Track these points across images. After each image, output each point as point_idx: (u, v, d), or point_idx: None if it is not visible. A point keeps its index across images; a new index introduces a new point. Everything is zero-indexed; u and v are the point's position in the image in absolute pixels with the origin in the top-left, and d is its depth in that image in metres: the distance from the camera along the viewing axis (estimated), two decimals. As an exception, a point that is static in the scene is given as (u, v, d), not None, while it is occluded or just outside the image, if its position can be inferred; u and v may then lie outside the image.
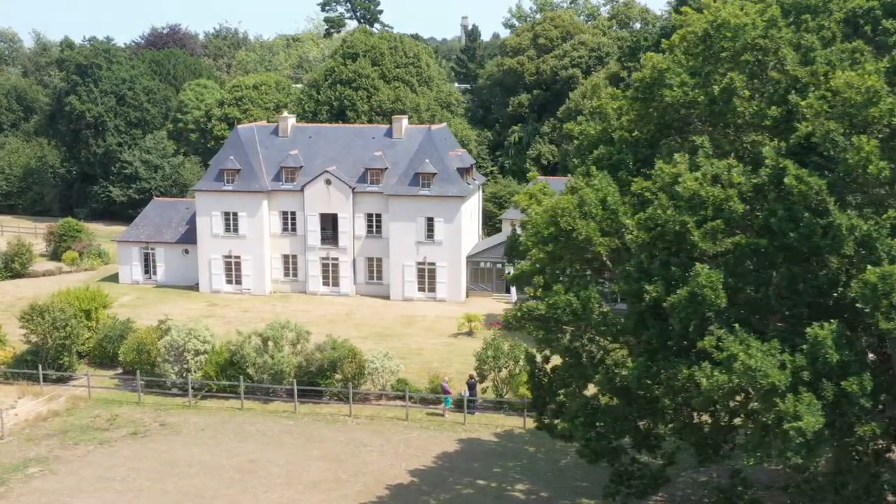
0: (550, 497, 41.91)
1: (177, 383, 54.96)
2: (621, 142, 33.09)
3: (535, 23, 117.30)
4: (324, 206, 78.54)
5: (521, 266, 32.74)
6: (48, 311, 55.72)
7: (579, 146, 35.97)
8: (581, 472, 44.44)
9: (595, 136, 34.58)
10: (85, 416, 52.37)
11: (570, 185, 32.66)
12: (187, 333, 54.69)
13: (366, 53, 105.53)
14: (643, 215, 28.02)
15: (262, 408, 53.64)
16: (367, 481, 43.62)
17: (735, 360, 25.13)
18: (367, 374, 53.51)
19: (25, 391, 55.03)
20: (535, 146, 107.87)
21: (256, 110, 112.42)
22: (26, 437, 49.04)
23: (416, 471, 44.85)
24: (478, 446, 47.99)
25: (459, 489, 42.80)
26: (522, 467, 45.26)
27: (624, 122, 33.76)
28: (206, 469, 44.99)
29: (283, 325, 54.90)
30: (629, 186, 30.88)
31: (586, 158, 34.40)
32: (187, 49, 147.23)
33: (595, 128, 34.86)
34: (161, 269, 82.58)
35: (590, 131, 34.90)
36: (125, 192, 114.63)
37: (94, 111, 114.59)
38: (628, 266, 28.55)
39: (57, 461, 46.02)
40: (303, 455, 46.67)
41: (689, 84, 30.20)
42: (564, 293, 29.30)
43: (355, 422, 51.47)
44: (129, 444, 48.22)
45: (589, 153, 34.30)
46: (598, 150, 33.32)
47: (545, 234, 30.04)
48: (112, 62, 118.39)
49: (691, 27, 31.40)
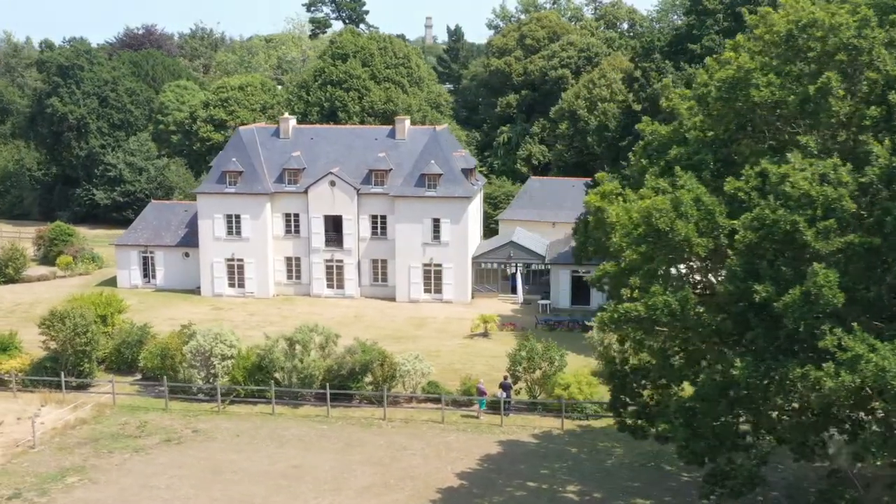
0: (604, 498, 41.85)
1: (203, 389, 54.21)
2: (698, 142, 33.10)
3: (522, 23, 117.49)
4: (328, 207, 77.97)
5: (604, 267, 32.59)
6: (69, 317, 54.66)
7: (645, 146, 35.94)
8: (629, 473, 44.56)
9: (666, 136, 34.57)
10: (113, 423, 51.47)
11: (651, 185, 32.57)
12: (213, 338, 53.99)
13: (356, 54, 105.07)
14: (749, 215, 28.05)
15: (292, 412, 53.08)
16: (417, 485, 43.29)
17: (861, 361, 25.24)
18: (399, 376, 53.15)
19: (47, 399, 53.93)
20: (525, 146, 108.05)
21: (243, 111, 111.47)
22: (57, 446, 48.07)
23: (462, 474, 44.59)
24: (518, 448, 47.85)
25: (511, 491, 42.61)
26: (569, 468, 45.17)
27: (696, 122, 33.78)
28: (250, 475, 44.38)
29: (311, 329, 54.32)
30: (709, 187, 30.86)
31: (656, 159, 34.36)
32: (163, 50, 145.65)
33: (666, 128, 34.82)
34: (160, 273, 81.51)
35: (660, 131, 34.87)
36: (109, 195, 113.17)
37: (77, 113, 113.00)
38: (734, 266, 28.57)
39: (94, 470, 45.14)
40: (345, 460, 46.22)
41: (775, 84, 30.28)
42: (663, 293, 29.26)
43: (390, 425, 51.10)
44: (164, 452, 47.45)
45: (660, 153, 34.26)
46: (673, 151, 33.27)
47: (637, 234, 29.96)
48: (93, 63, 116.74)
49: (775, 27, 31.41)
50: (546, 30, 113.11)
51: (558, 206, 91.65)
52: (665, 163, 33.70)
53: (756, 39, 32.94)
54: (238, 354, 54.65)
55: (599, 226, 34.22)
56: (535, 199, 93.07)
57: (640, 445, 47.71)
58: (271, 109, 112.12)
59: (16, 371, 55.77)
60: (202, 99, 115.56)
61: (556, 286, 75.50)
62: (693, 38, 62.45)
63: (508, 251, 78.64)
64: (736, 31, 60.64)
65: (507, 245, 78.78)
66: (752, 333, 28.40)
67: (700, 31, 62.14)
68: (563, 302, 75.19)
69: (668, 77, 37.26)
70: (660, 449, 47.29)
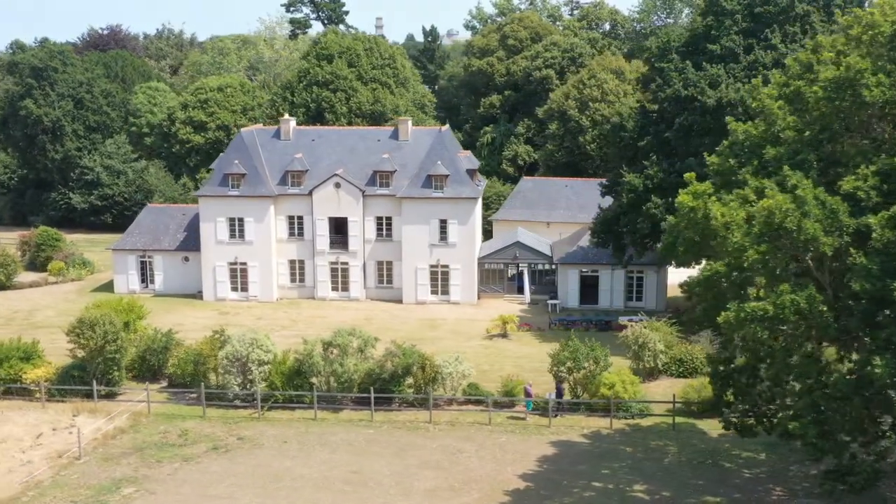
0: (674, 497, 41.97)
1: (239, 395, 53.32)
2: (796, 142, 33.35)
3: (503, 24, 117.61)
4: (333, 209, 77.29)
5: (713, 266, 32.64)
6: (99, 325, 53.38)
7: (731, 145, 36.12)
8: (690, 471, 44.75)
9: (758, 136, 34.77)
10: (153, 431, 50.40)
11: (754, 185, 32.71)
12: (250, 344, 53.14)
13: (341, 54, 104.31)
14: (886, 214, 28.31)
15: (334, 417, 52.48)
16: (483, 488, 43.05)
17: None
18: (441, 379, 52.85)
19: (79, 408, 52.63)
20: (510, 147, 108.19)
21: (223, 113, 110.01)
22: (102, 456, 46.92)
23: (524, 475, 44.45)
24: (572, 448, 47.84)
25: (578, 492, 42.55)
26: (629, 468, 45.24)
27: (791, 121, 34.04)
28: (312, 482, 43.75)
29: (349, 332, 53.76)
30: (817, 186, 31.11)
31: (747, 158, 34.53)
32: (129, 50, 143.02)
33: (757, 127, 35.04)
34: (159, 278, 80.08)
35: (752, 131, 35.08)
36: (86, 198, 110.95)
37: (52, 115, 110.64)
38: (869, 265, 28.81)
39: (148, 480, 44.14)
40: (402, 464, 45.80)
41: (885, 84, 30.66)
42: (790, 292, 29.42)
43: (437, 428, 50.75)
44: (214, 460, 46.58)
45: (751, 153, 34.46)
46: (770, 151, 33.48)
47: (755, 233, 30.07)
48: (67, 64, 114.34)
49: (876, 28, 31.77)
50: (528, 30, 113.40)
51: (551, 207, 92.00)
52: (759, 162, 33.87)
53: (851, 40, 33.25)
54: (274, 359, 53.84)
55: (692, 226, 34.29)
56: (528, 199, 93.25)
57: (693, 444, 48.30)
58: (252, 111, 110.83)
59: (42, 380, 54.30)
60: (180, 101, 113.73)
61: (564, 286, 75.68)
62: (711, 38, 62.97)
63: (514, 251, 78.68)
64: (755, 32, 61.49)
65: (513, 245, 78.81)
66: (887, 331, 28.66)
67: (719, 32, 62.66)
68: (571, 302, 75.41)
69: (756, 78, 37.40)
70: (714, 446, 47.95)
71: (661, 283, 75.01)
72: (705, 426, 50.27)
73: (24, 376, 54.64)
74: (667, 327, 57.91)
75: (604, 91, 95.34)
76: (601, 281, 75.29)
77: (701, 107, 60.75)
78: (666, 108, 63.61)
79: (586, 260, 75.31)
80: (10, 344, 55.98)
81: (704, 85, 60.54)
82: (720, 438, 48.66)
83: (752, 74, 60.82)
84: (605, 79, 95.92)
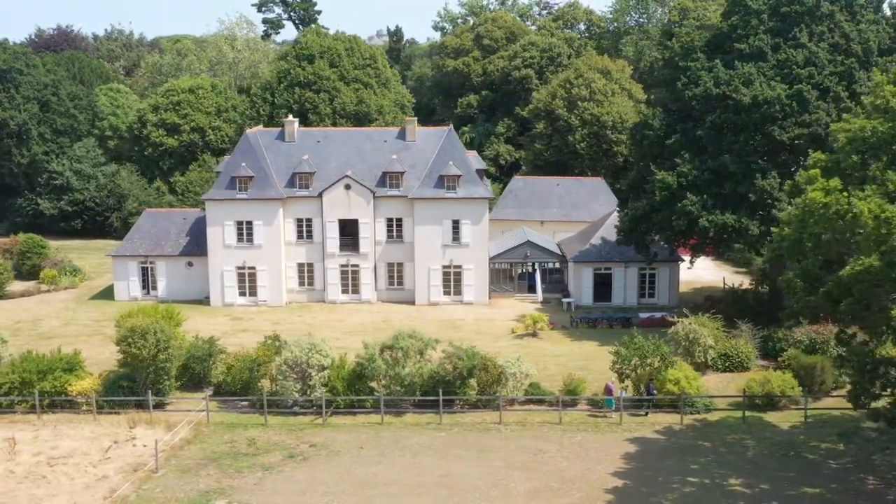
0: (772, 489, 42.45)
1: (299, 401, 52.28)
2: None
3: (477, 24, 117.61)
4: (343, 211, 76.37)
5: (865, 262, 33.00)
6: (150, 333, 51.81)
7: (850, 141, 36.68)
8: (776, 463, 45.33)
9: (884, 133, 35.38)
10: (218, 441, 49.08)
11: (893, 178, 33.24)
12: (309, 349, 52.14)
13: (322, 55, 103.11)
14: None
15: (399, 421, 51.79)
16: (582, 487, 42.92)
17: None
18: (504, 379, 52.60)
19: (135, 420, 50.98)
20: (491, 146, 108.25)
21: (197, 115, 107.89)
22: (178, 469, 45.49)
23: (617, 473, 44.46)
24: (651, 445, 48.03)
25: (678, 488, 42.74)
26: (716, 462, 45.59)
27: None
28: (407, 487, 43.08)
29: (410, 335, 53.14)
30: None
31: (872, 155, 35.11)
32: (81, 51, 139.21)
33: (883, 124, 35.63)
34: (162, 284, 78.07)
35: (879, 128, 35.65)
36: (55, 204, 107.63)
37: (18, 119, 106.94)
38: None
39: (235, 491, 42.96)
40: (489, 466, 45.41)
41: None
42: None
43: (508, 429, 50.47)
44: (296, 469, 45.53)
45: (879, 150, 35.04)
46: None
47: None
48: (30, 66, 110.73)
49: None
50: (503, 30, 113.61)
51: (544, 206, 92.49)
52: (889, 158, 34.46)
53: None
54: (333, 364, 52.95)
55: (823, 221, 34.72)
56: (520, 198, 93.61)
57: (768, 437, 49.03)
58: (226, 113, 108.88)
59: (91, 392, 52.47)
60: (150, 103, 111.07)
61: (578, 284, 76.00)
62: (738, 37, 63.87)
63: (525, 251, 78.81)
64: (783, 31, 62.58)
65: (524, 245, 78.92)
66: None
67: (745, 31, 63.59)
68: (585, 300, 75.80)
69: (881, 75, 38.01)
70: (790, 439, 48.72)
71: (673, 280, 75.94)
72: (773, 419, 51.05)
73: (70, 388, 52.71)
74: (712, 322, 58.55)
75: (592, 90, 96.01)
76: (614, 278, 75.86)
77: (735, 105, 61.55)
78: (694, 107, 64.27)
79: (599, 258, 75.78)
80: (52, 356, 53.98)
81: (738, 83, 61.34)
82: (792, 430, 49.52)
83: (782, 73, 61.96)
84: (592, 78, 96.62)
